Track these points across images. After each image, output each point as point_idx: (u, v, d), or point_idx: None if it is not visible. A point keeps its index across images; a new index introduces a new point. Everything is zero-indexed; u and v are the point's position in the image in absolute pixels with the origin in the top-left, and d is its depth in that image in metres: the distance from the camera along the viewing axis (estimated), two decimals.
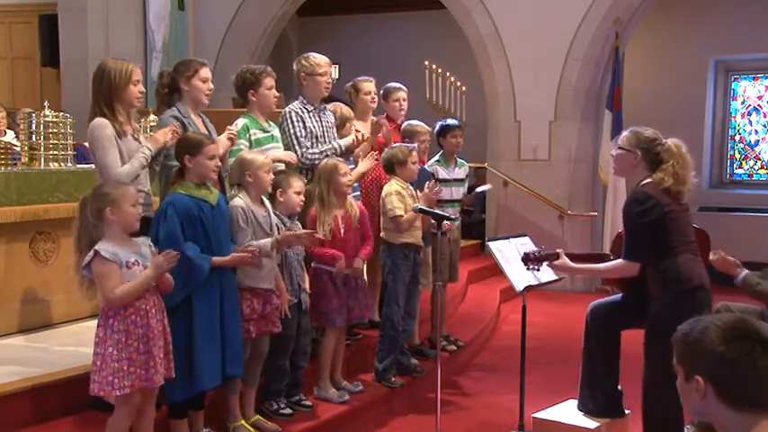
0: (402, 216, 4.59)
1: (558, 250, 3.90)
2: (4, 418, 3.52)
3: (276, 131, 4.45)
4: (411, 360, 5.03)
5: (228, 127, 4.07)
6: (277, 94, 4.44)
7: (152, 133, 3.78)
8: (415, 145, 4.94)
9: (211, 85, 4.03)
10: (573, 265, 3.88)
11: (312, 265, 4.37)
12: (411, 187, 4.77)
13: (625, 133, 3.83)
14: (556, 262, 3.88)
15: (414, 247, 4.77)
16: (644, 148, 3.71)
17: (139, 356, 3.08)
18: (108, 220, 3.07)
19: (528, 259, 3.94)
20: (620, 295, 4.06)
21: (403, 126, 5.31)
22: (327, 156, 4.49)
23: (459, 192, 5.57)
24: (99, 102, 3.66)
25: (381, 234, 4.75)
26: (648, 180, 3.70)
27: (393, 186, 4.69)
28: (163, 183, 3.86)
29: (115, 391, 3.03)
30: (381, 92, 5.45)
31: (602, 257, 4.14)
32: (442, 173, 5.47)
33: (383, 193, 4.70)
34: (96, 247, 3.03)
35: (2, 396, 3.55)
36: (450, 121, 5.67)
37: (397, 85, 5.51)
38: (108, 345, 3.05)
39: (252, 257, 3.61)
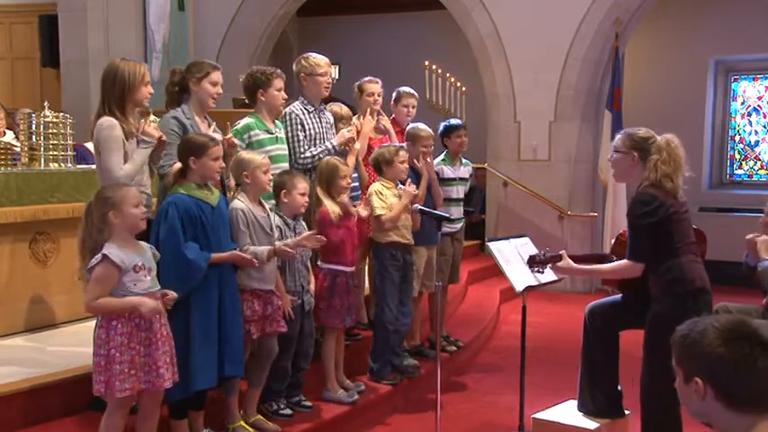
0: (383, 215, 4.59)
1: (561, 252, 3.91)
2: (6, 418, 3.53)
3: (281, 133, 4.44)
4: (404, 361, 4.99)
5: (227, 137, 4.02)
6: (286, 96, 4.43)
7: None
8: (404, 145, 4.95)
9: (221, 90, 3.98)
10: (576, 266, 3.89)
11: (323, 266, 4.35)
12: (401, 186, 4.76)
13: (618, 136, 3.85)
14: (559, 263, 3.89)
15: (401, 246, 4.74)
16: (640, 149, 3.72)
17: (140, 359, 3.08)
18: (112, 224, 3.06)
19: (534, 262, 3.94)
20: (619, 296, 4.06)
21: (407, 128, 5.32)
22: (320, 158, 4.49)
23: (463, 191, 5.58)
24: (109, 102, 3.63)
25: (370, 234, 4.76)
26: (649, 182, 3.70)
27: (375, 186, 4.69)
28: (161, 187, 3.86)
29: (116, 393, 3.03)
30: (393, 94, 5.49)
31: (603, 258, 4.15)
32: (448, 172, 5.48)
33: (368, 194, 4.72)
34: (105, 251, 3.02)
35: (3, 396, 3.56)
36: (453, 122, 5.70)
37: (410, 90, 5.54)
38: (110, 347, 3.04)
39: (249, 260, 3.62)
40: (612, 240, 4.63)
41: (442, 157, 5.58)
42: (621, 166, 3.82)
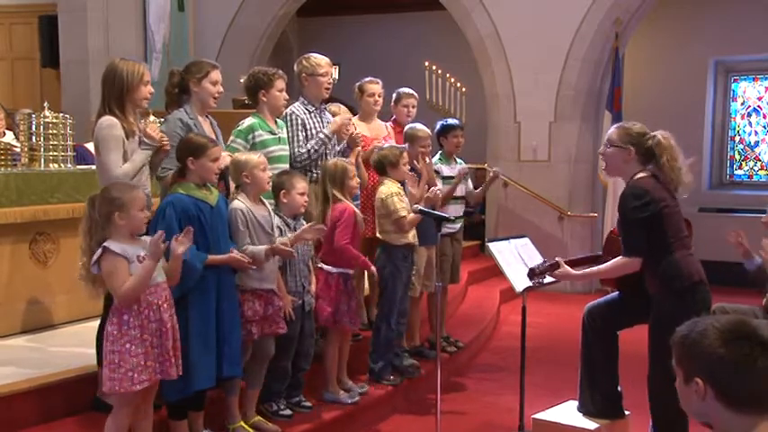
0: (405, 217, 4.59)
1: (557, 259, 3.89)
2: (7, 419, 3.53)
3: (284, 133, 4.44)
4: (404, 362, 5.00)
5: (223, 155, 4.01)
6: (287, 97, 4.43)
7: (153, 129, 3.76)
8: (406, 146, 4.95)
9: (221, 89, 3.98)
10: (574, 272, 3.88)
11: (334, 270, 4.32)
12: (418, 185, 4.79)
13: (613, 130, 3.83)
14: (557, 271, 3.88)
15: (411, 247, 4.77)
16: (636, 143, 3.71)
17: (153, 350, 3.10)
18: (116, 224, 3.08)
19: (534, 274, 3.93)
20: (616, 294, 4.05)
21: (405, 129, 5.32)
22: (316, 150, 4.49)
23: (462, 189, 5.58)
24: (109, 101, 3.63)
25: (378, 235, 4.75)
26: (642, 174, 3.70)
27: (391, 188, 4.67)
28: (162, 187, 3.86)
29: (135, 386, 3.04)
30: (393, 95, 5.50)
31: (596, 259, 4.15)
32: (446, 170, 5.48)
33: (382, 195, 4.68)
34: (105, 244, 3.04)
35: (4, 396, 3.56)
36: (451, 121, 5.70)
37: (410, 91, 5.56)
38: (124, 341, 3.05)
39: (247, 262, 3.62)
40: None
41: (437, 156, 5.58)
42: (616, 160, 3.79)
